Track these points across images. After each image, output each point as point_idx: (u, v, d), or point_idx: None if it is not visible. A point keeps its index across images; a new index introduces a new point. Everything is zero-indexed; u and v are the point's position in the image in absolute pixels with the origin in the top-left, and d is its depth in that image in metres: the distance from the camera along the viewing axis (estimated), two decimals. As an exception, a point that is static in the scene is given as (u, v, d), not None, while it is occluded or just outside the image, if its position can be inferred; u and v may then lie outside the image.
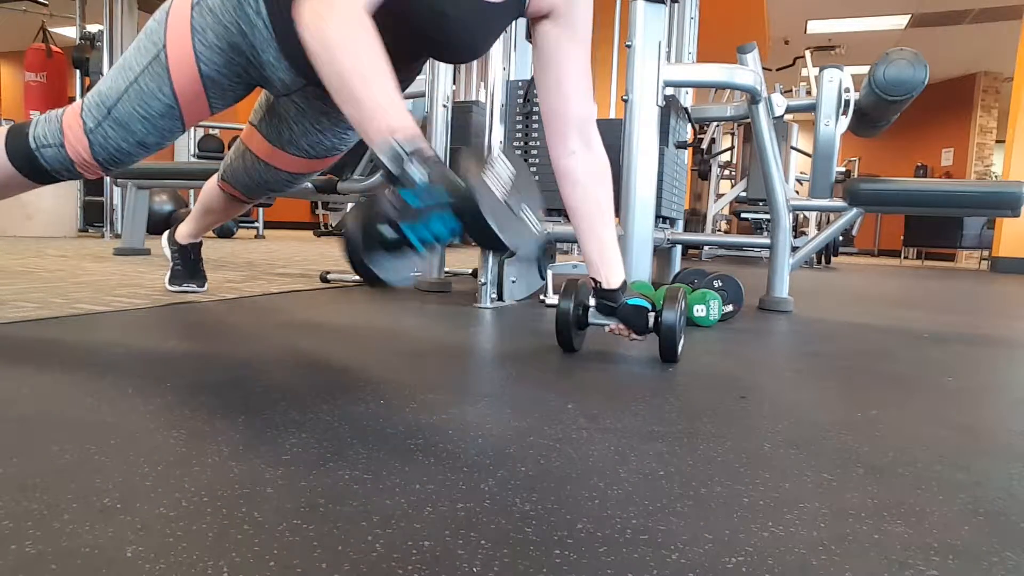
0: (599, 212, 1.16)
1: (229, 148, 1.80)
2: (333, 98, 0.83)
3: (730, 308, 1.75)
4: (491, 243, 0.76)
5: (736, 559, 0.47)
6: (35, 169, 1.17)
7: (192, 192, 5.14)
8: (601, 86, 4.40)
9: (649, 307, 1.15)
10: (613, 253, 1.16)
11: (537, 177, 2.09)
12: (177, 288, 1.78)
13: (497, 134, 1.90)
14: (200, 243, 1.82)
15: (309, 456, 0.63)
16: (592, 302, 1.21)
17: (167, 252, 1.80)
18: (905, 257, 8.53)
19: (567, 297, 1.16)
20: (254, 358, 1.06)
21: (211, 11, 1.07)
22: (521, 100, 2.13)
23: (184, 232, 1.77)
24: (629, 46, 1.86)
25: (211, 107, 1.18)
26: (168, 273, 1.80)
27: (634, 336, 1.18)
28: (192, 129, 6.01)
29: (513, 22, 2.36)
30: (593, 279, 1.17)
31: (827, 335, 1.62)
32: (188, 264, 1.80)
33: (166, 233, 1.82)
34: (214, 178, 1.60)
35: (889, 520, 0.55)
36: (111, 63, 3.98)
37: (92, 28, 4.42)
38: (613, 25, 2.74)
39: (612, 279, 1.16)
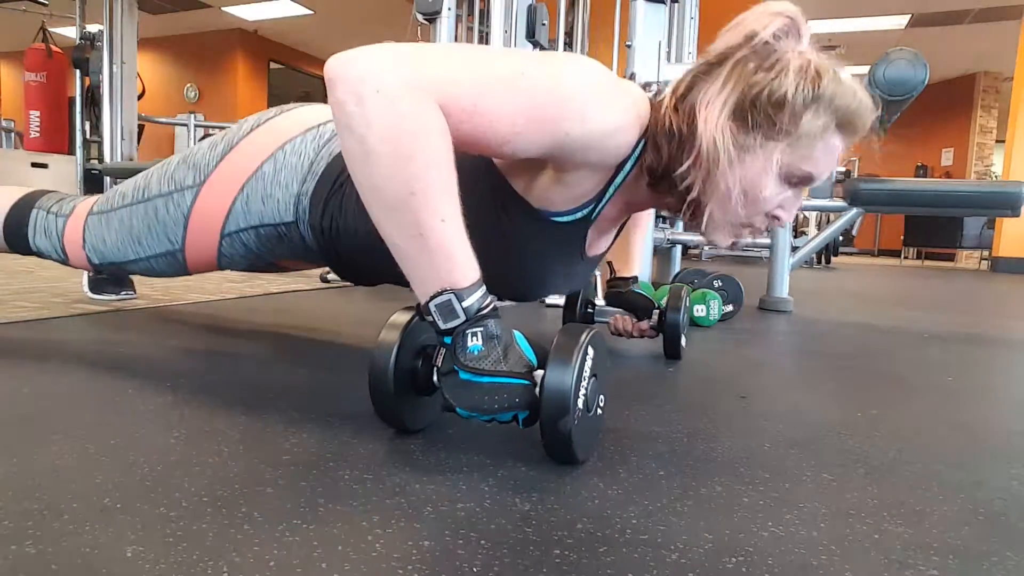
0: (634, 221, 1.22)
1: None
2: (376, 218, 0.64)
3: (730, 308, 1.75)
4: (560, 455, 0.63)
5: (736, 559, 0.47)
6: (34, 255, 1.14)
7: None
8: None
9: (654, 302, 1.21)
10: (634, 252, 1.24)
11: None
12: (109, 297, 1.56)
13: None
14: None
15: (309, 456, 0.63)
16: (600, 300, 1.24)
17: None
18: (905, 257, 8.52)
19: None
20: (254, 358, 1.06)
21: (244, 244, 0.99)
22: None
23: None
24: (629, 46, 1.86)
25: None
26: (86, 281, 1.57)
27: (640, 328, 1.20)
28: (192, 129, 6.01)
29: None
30: (610, 263, 1.24)
31: (827, 335, 1.61)
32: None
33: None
34: None
35: (889, 520, 0.55)
36: (111, 63, 3.96)
37: (92, 28, 4.41)
38: (613, 25, 2.74)
39: (624, 269, 1.23)
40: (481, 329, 0.63)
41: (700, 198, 0.75)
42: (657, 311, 1.20)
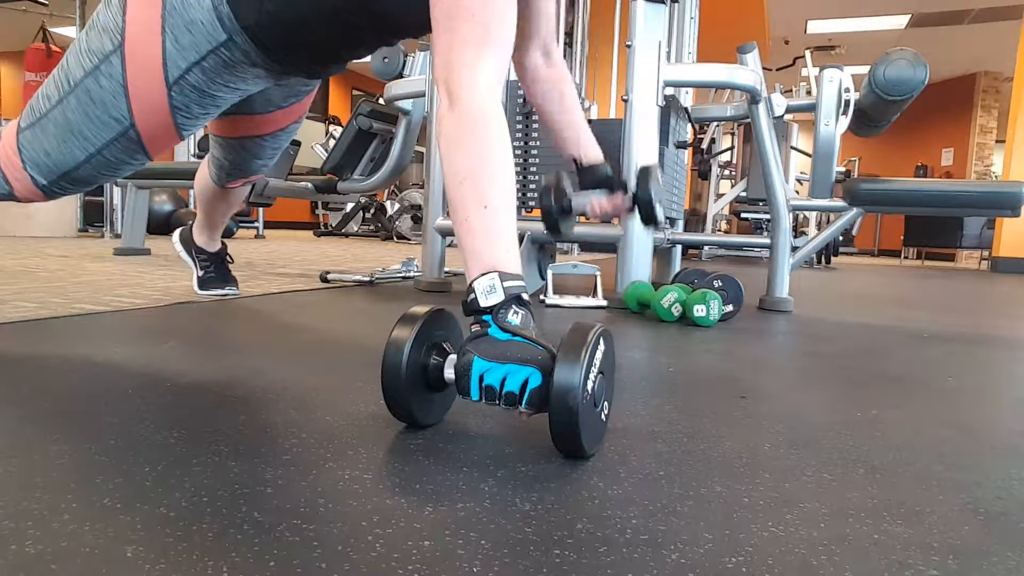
0: (568, 102, 1.16)
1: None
2: (447, 194, 0.77)
3: (730, 308, 1.75)
4: (567, 443, 0.64)
5: (736, 559, 0.47)
6: None
7: (192, 192, 5.13)
8: (601, 86, 4.40)
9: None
10: (588, 134, 1.17)
11: (537, 177, 2.09)
12: (214, 292, 1.76)
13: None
14: (225, 245, 1.80)
15: (309, 456, 0.63)
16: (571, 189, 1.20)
17: (186, 258, 1.77)
18: (905, 257, 8.53)
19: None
20: (254, 358, 1.06)
21: (194, 88, 0.95)
22: (521, 100, 2.13)
23: (206, 239, 1.73)
24: (629, 46, 1.86)
25: (182, 139, 1.09)
26: (196, 280, 1.76)
27: (616, 204, 1.16)
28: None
29: None
30: (573, 160, 1.18)
31: (827, 335, 1.62)
32: (221, 269, 1.77)
33: (180, 239, 1.77)
34: (210, 186, 1.52)
35: (889, 520, 0.55)
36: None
37: (92, 28, 4.42)
38: (613, 25, 2.74)
39: (591, 156, 1.17)
40: (523, 312, 0.70)
41: None
42: (628, 190, 1.16)
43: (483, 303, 0.69)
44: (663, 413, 0.84)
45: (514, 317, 0.69)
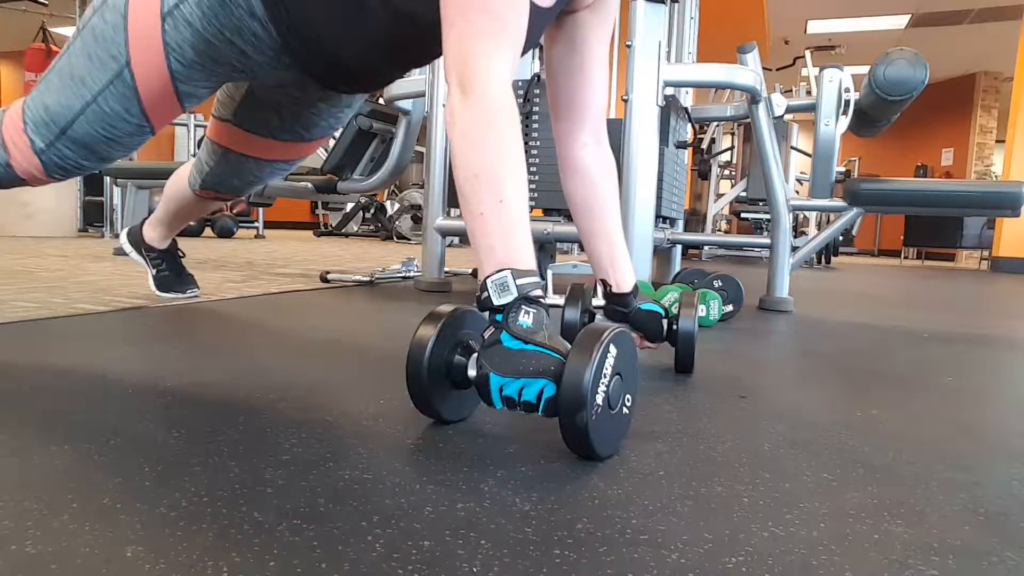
0: (608, 208, 1.07)
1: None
2: (459, 189, 0.73)
3: (730, 308, 1.75)
4: (580, 451, 0.64)
5: (736, 559, 0.47)
6: None
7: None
8: (601, 86, 4.39)
9: (662, 313, 1.09)
10: (623, 253, 1.08)
11: (537, 177, 2.09)
12: (176, 295, 1.69)
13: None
14: (175, 242, 1.70)
15: (309, 456, 0.63)
16: (599, 301, 1.13)
17: (137, 258, 1.67)
18: (905, 257, 8.53)
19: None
20: (253, 358, 1.06)
21: (188, 24, 0.91)
22: (521, 100, 2.13)
23: (157, 236, 1.63)
24: (629, 46, 1.86)
25: (184, 109, 1.05)
26: (152, 280, 1.68)
27: (647, 344, 1.12)
28: (192, 129, 6.01)
29: None
30: (602, 281, 1.09)
31: (827, 335, 1.61)
32: (175, 268, 1.69)
33: (128, 239, 1.67)
34: (184, 186, 1.45)
35: (889, 520, 0.55)
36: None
37: (92, 28, 4.43)
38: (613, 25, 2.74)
39: (624, 283, 1.08)
40: (534, 310, 0.69)
41: None
42: (666, 320, 1.09)
43: (496, 301, 0.68)
44: (663, 413, 0.84)
45: (525, 318, 0.68)
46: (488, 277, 0.69)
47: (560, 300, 1.91)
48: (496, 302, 0.68)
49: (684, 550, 0.48)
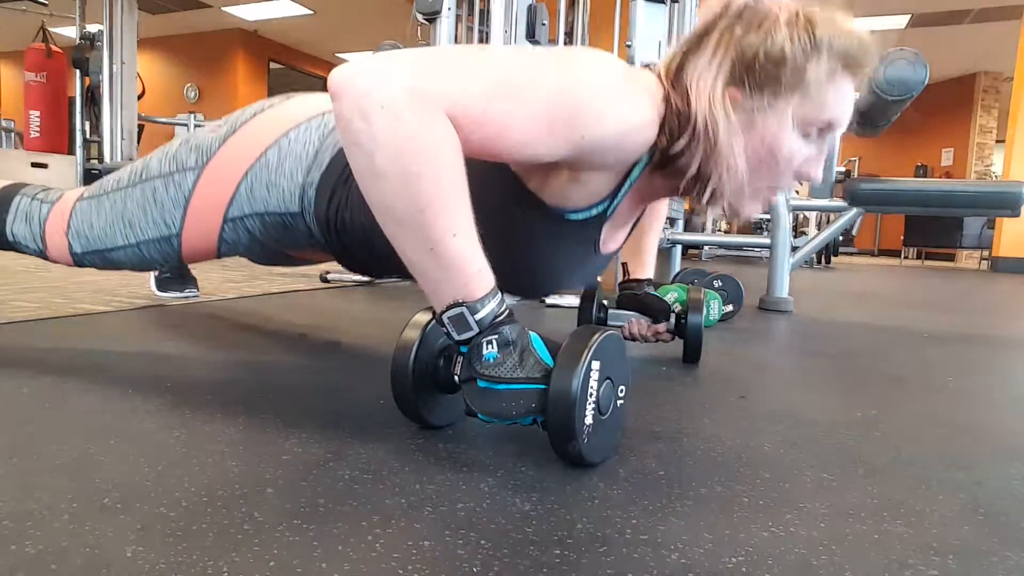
0: (642, 221, 1.16)
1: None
2: (388, 232, 0.63)
3: (730, 308, 1.75)
4: (569, 458, 0.63)
5: (736, 559, 0.47)
6: (8, 249, 1.08)
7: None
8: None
9: (667, 301, 1.19)
10: (647, 252, 1.21)
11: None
12: (174, 295, 1.71)
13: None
14: None
15: (309, 456, 0.63)
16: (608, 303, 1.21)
17: None
18: (905, 257, 8.52)
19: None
20: (253, 358, 1.06)
21: (248, 231, 0.95)
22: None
23: None
24: (629, 46, 1.86)
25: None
26: (153, 280, 1.71)
27: (656, 330, 1.16)
28: (192, 129, 6.01)
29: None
30: (623, 265, 1.22)
31: (827, 335, 1.61)
32: (174, 269, 1.71)
33: None
34: None
35: (889, 520, 0.55)
36: (111, 63, 3.96)
37: (92, 28, 4.41)
38: (613, 25, 2.74)
39: (640, 270, 1.20)
40: (496, 337, 0.63)
41: (707, 173, 0.73)
42: (674, 314, 1.17)
43: (457, 337, 0.63)
44: (663, 413, 0.84)
45: (489, 349, 0.63)
46: (444, 313, 0.63)
47: (560, 300, 1.91)
48: (457, 338, 0.64)
49: (684, 550, 0.48)
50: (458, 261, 0.61)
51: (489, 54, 0.67)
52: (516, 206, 0.80)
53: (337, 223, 0.90)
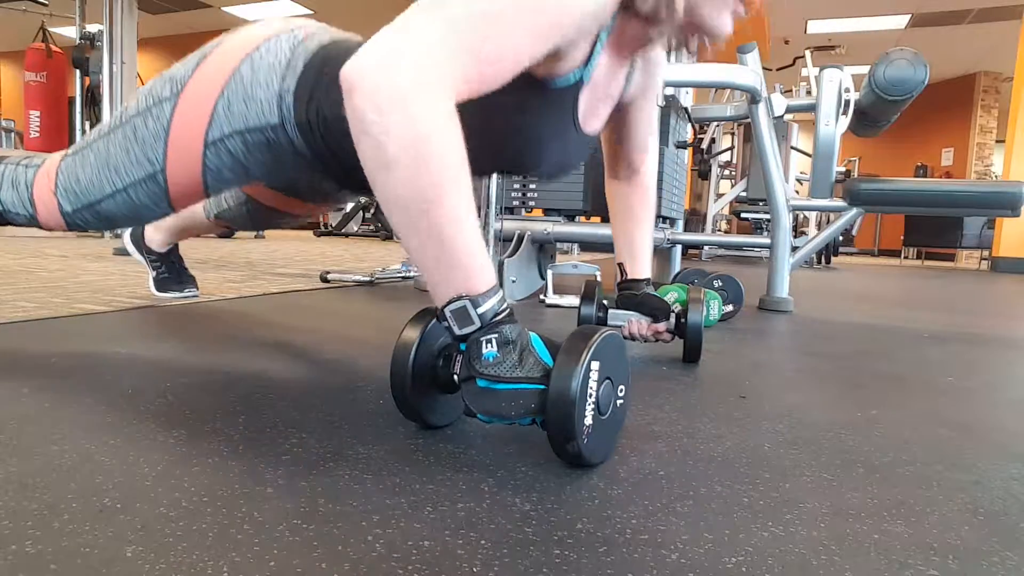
0: (630, 215, 1.21)
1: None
2: (395, 223, 0.65)
3: (730, 308, 1.75)
4: (569, 458, 0.63)
5: (736, 559, 0.47)
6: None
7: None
8: (601, 86, 4.39)
9: (667, 301, 1.19)
10: (642, 251, 1.21)
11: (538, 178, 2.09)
12: (174, 295, 1.71)
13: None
14: (177, 245, 1.73)
15: (309, 456, 0.63)
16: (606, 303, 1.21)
17: (139, 258, 1.71)
18: (905, 257, 8.53)
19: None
20: (253, 358, 1.06)
21: (231, 154, 0.94)
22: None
23: (159, 240, 1.67)
24: (629, 46, 1.86)
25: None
26: (152, 281, 1.71)
27: (656, 330, 1.17)
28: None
29: None
30: (619, 265, 1.22)
31: (827, 335, 1.61)
32: (173, 269, 1.72)
33: (131, 238, 1.70)
34: (199, 208, 1.49)
35: (889, 520, 0.55)
36: (111, 63, 3.97)
37: (92, 28, 4.42)
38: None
39: (637, 270, 1.20)
40: (495, 335, 0.63)
41: None
42: (674, 314, 1.17)
43: (458, 332, 0.64)
44: (663, 413, 0.84)
45: (488, 348, 0.63)
46: (447, 307, 0.64)
47: (560, 300, 1.91)
48: (458, 332, 0.64)
49: (684, 550, 0.48)
50: (463, 253, 0.63)
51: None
52: None
53: (319, 123, 0.90)
